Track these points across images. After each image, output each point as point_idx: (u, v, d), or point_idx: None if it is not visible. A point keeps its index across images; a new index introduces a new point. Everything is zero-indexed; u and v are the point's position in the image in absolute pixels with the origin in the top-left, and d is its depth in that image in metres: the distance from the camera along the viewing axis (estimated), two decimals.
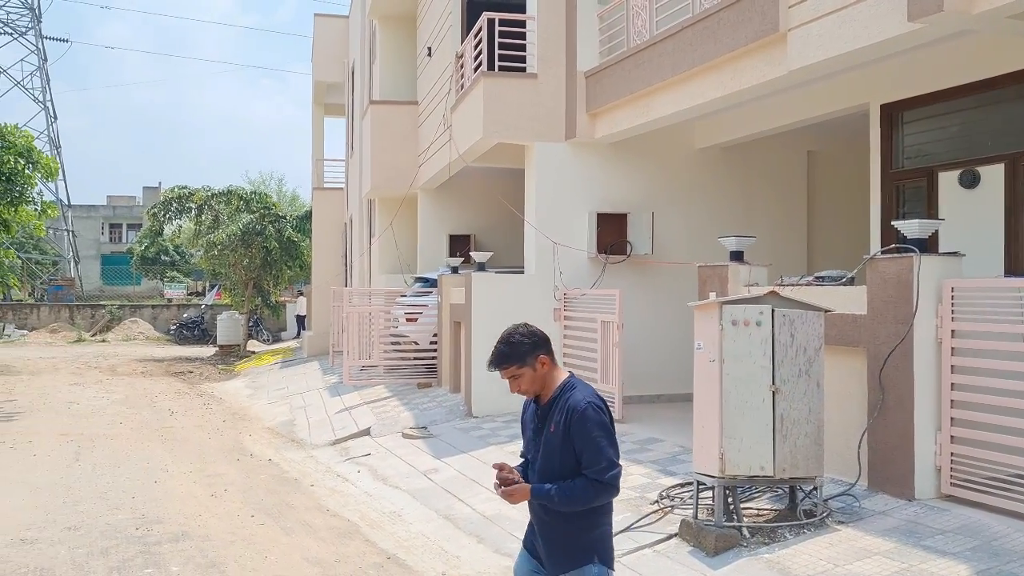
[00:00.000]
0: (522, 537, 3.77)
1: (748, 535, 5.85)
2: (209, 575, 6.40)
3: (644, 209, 12.08)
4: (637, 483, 7.64)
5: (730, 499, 6.04)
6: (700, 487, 6.19)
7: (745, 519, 6.06)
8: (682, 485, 7.24)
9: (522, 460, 3.73)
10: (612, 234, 11.92)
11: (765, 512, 6.39)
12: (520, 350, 3.49)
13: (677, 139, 12.30)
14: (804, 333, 6.08)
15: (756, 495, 6.71)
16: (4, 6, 58.67)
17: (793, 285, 7.60)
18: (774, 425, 5.95)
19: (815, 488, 6.19)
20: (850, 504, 6.38)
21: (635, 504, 7.06)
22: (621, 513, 6.88)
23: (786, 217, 12.96)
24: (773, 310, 6.01)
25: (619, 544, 6.25)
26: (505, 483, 3.43)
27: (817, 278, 7.75)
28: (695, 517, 6.14)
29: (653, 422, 10.23)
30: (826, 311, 6.32)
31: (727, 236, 8.64)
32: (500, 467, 3.45)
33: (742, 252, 8.51)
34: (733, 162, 12.72)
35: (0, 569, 6.51)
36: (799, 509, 6.16)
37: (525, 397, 3.64)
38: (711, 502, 6.13)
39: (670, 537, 6.20)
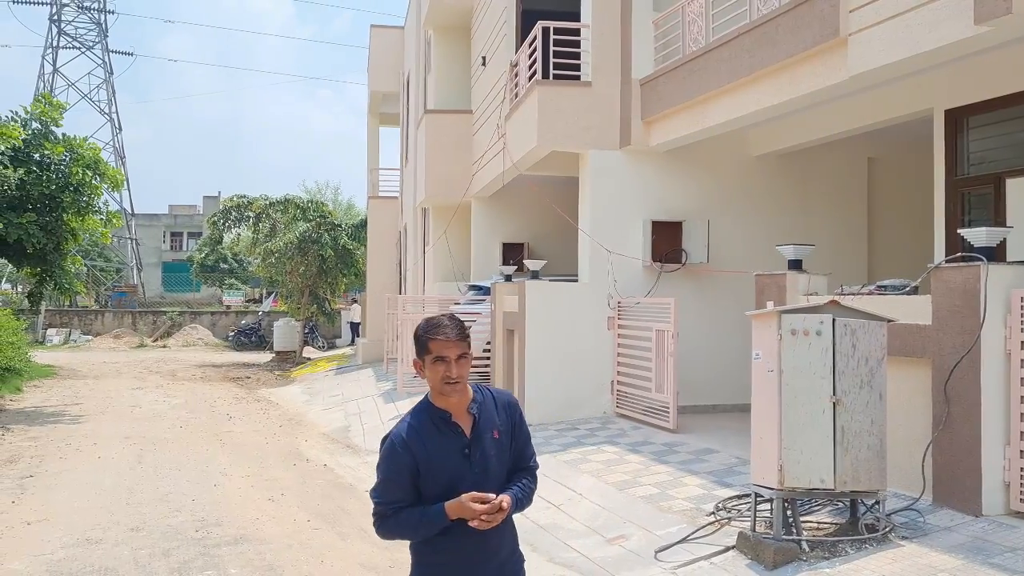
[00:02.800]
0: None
1: (808, 549, 5.74)
2: None
3: (700, 217, 11.97)
4: (693, 494, 7.55)
5: (789, 512, 5.93)
6: (758, 499, 6.09)
7: (805, 532, 5.94)
8: (739, 497, 7.13)
9: (391, 509, 2.99)
10: (667, 242, 11.84)
11: (825, 526, 6.26)
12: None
13: (733, 146, 12.17)
14: (866, 343, 5.95)
15: (816, 508, 6.57)
16: (72, 21, 60.73)
17: (854, 294, 7.45)
18: (835, 437, 5.82)
19: (877, 502, 6.05)
20: (914, 519, 6.22)
21: (691, 515, 6.98)
22: (677, 525, 6.81)
23: (846, 225, 12.73)
24: (834, 319, 5.89)
25: (675, 555, 6.21)
26: (497, 508, 2.91)
27: (879, 287, 7.59)
28: (753, 530, 6.04)
29: (709, 432, 10.11)
30: (889, 321, 6.19)
31: (785, 244, 8.52)
32: (482, 499, 2.91)
33: (801, 261, 8.38)
34: (791, 169, 12.55)
35: (68, 568, 6.69)
36: (860, 523, 6.01)
37: (399, 438, 2.99)
38: (769, 515, 6.03)
39: (727, 549, 6.10)
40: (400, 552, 7.18)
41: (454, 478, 2.96)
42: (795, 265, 8.34)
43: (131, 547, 7.25)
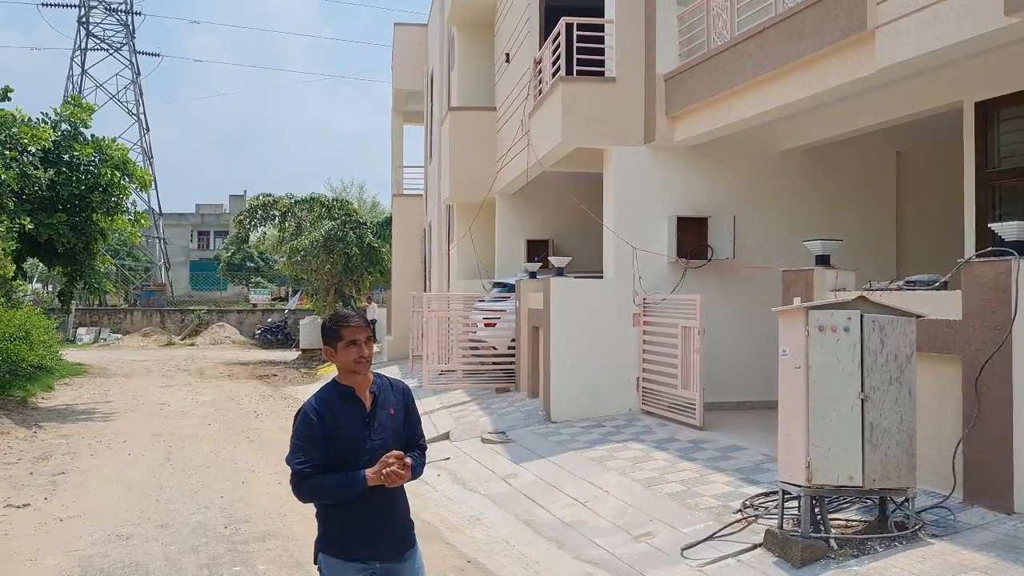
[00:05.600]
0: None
1: (836, 547, 5.69)
2: (295, 575, 6.54)
3: (725, 213, 11.89)
4: (720, 491, 7.51)
5: (817, 509, 5.89)
6: (786, 496, 6.04)
7: (833, 530, 5.89)
8: (766, 494, 7.08)
9: (310, 467, 3.48)
10: (692, 238, 11.75)
11: (854, 523, 6.20)
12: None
13: (759, 141, 12.06)
14: (895, 339, 5.89)
15: (844, 506, 6.52)
16: (100, 23, 61.49)
17: (883, 290, 7.37)
18: (863, 434, 5.77)
19: (907, 499, 5.98)
20: (944, 517, 6.15)
21: (718, 513, 6.95)
22: (704, 522, 6.78)
23: (874, 220, 12.58)
24: (862, 315, 5.84)
25: (702, 553, 6.18)
26: (404, 463, 3.44)
27: (908, 282, 7.51)
28: (780, 527, 6.00)
29: (735, 430, 10.04)
30: (918, 317, 6.12)
31: (812, 240, 8.44)
32: (396, 456, 3.44)
33: (828, 256, 8.30)
34: (817, 164, 12.42)
35: (100, 563, 6.78)
36: (890, 521, 5.96)
37: (311, 407, 3.51)
38: (797, 512, 5.98)
39: (755, 547, 6.07)
40: (425, 549, 7.18)
41: (356, 441, 3.49)
42: (822, 261, 8.27)
43: (161, 543, 7.34)
